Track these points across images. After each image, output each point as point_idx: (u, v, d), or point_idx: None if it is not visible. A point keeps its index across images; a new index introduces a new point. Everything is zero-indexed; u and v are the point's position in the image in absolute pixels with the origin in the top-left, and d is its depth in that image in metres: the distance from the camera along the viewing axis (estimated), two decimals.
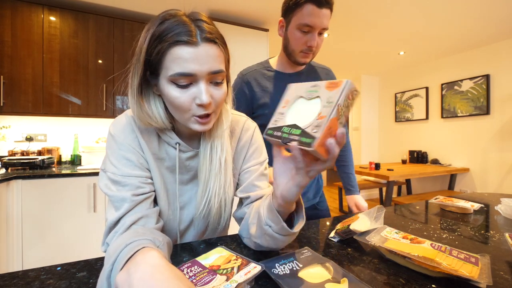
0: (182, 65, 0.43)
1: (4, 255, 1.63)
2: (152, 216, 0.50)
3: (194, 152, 0.57)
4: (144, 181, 0.51)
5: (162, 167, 0.56)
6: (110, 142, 0.52)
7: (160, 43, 0.43)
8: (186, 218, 0.60)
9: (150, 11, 2.39)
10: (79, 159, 2.35)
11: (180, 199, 0.58)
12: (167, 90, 0.45)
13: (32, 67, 2.03)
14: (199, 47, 0.43)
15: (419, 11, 2.38)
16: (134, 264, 0.30)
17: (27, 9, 2.02)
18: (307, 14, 0.79)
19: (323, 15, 0.80)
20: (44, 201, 1.79)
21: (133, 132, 0.52)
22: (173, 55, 0.43)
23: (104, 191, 0.49)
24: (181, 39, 0.42)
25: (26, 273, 0.44)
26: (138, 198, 0.48)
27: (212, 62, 0.45)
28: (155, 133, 0.54)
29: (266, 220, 0.46)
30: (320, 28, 0.82)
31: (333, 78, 1.06)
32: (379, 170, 3.07)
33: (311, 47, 0.84)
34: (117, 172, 0.49)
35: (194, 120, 0.48)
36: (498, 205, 0.82)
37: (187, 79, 0.44)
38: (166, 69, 0.44)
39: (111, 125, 0.53)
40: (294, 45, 0.87)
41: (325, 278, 0.41)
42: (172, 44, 0.43)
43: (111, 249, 0.38)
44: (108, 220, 0.46)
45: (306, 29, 0.82)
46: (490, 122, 3.14)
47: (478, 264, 0.43)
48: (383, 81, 4.61)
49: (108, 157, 0.51)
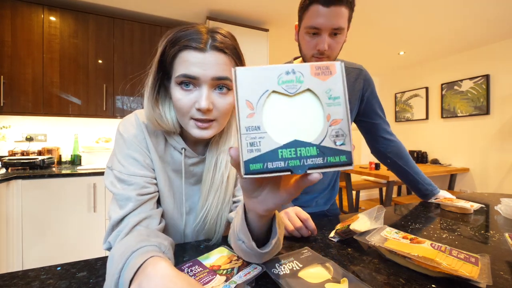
0: (188, 68, 0.45)
1: (4, 255, 1.63)
2: (155, 217, 0.50)
3: (199, 158, 0.58)
4: (150, 181, 0.52)
5: (168, 169, 0.56)
6: (118, 141, 0.53)
7: (173, 47, 0.47)
8: (191, 224, 0.60)
9: (150, 11, 2.39)
10: (79, 159, 2.35)
11: (186, 204, 0.59)
12: (173, 91, 0.48)
13: (32, 67, 2.03)
14: (206, 54, 0.45)
15: (419, 11, 2.38)
16: (145, 277, 0.30)
17: (27, 9, 2.02)
18: (313, 15, 0.73)
19: (333, 14, 0.72)
20: (44, 201, 1.79)
21: (141, 132, 0.53)
22: (181, 58, 0.46)
23: (110, 188, 0.49)
24: (191, 44, 0.45)
25: (26, 273, 0.44)
26: (143, 198, 0.49)
27: (217, 69, 0.46)
28: (163, 136, 0.55)
29: (238, 234, 0.40)
30: (330, 29, 0.73)
31: (366, 77, 0.94)
32: (379, 170, 3.07)
33: (321, 50, 0.76)
34: (124, 171, 0.50)
35: (193, 123, 0.49)
36: (498, 205, 0.82)
37: (190, 82, 0.46)
38: (174, 71, 0.47)
39: (120, 124, 0.54)
40: (305, 50, 0.81)
41: (325, 278, 0.41)
42: (182, 48, 0.46)
43: (116, 253, 0.38)
44: (112, 217, 0.47)
45: (313, 31, 0.75)
46: (490, 122, 3.14)
47: (478, 264, 0.43)
48: (383, 81, 4.61)
49: (115, 155, 0.52)
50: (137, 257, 0.35)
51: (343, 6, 0.72)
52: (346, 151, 0.25)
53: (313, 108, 0.26)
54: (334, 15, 0.72)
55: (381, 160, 1.02)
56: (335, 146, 0.25)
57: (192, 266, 0.44)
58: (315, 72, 0.26)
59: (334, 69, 0.26)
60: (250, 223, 0.39)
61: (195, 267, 0.43)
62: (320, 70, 0.26)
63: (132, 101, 2.33)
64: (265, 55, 2.65)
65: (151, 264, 0.32)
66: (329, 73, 0.26)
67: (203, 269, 0.43)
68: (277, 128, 0.26)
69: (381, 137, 0.96)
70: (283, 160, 0.25)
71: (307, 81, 0.26)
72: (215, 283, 0.38)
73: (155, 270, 0.31)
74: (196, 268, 0.43)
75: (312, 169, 0.26)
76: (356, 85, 0.91)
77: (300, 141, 0.26)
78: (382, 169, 3.12)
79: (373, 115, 0.95)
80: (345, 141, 0.26)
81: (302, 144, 0.26)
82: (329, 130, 0.26)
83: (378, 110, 0.96)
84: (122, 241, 0.41)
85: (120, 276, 0.34)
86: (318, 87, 0.26)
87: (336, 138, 0.26)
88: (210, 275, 0.41)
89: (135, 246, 0.37)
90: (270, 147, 0.25)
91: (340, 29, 0.74)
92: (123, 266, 0.35)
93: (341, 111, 0.26)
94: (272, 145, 0.25)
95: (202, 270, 0.42)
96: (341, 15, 0.73)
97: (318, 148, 0.26)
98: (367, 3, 2.23)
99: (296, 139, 0.26)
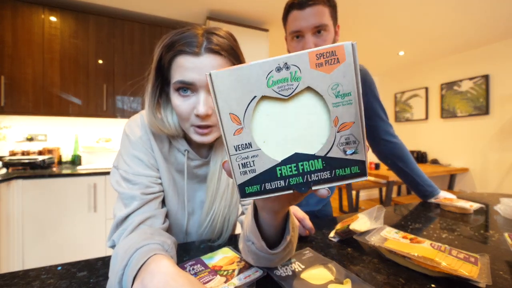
0: (183, 74, 0.45)
1: (4, 255, 1.63)
2: (159, 216, 0.50)
3: (202, 161, 0.58)
4: (154, 181, 0.52)
5: (172, 169, 0.57)
6: (124, 141, 0.54)
7: (168, 52, 0.46)
8: (194, 224, 0.61)
9: (150, 11, 2.39)
10: (80, 159, 2.35)
11: (189, 205, 0.59)
12: (172, 98, 0.48)
13: (33, 67, 2.03)
14: (200, 58, 0.45)
15: (419, 11, 2.38)
16: (148, 274, 0.30)
17: (28, 9, 2.02)
18: (293, 20, 0.77)
19: (309, 14, 0.75)
20: (45, 201, 1.79)
21: (146, 133, 0.54)
22: (177, 64, 0.46)
23: (115, 187, 0.50)
24: (185, 49, 0.45)
25: (26, 273, 0.45)
26: (147, 197, 0.50)
27: None
28: (167, 137, 0.56)
29: (248, 235, 0.39)
30: (311, 28, 0.75)
31: (367, 78, 0.93)
32: (379, 170, 3.07)
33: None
34: (129, 171, 0.51)
35: (193, 130, 0.49)
36: (497, 205, 0.82)
37: (187, 88, 0.46)
38: (172, 77, 0.47)
39: (126, 124, 0.55)
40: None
41: (328, 279, 0.41)
42: (177, 53, 0.45)
43: (120, 250, 0.38)
44: (117, 216, 0.47)
45: (297, 35, 0.78)
46: (490, 122, 3.14)
47: (478, 264, 0.43)
48: (383, 81, 4.61)
49: (121, 155, 0.53)
50: (140, 254, 0.35)
51: (319, 5, 0.74)
52: (359, 160, 0.21)
53: (316, 112, 0.21)
54: (311, 15, 0.74)
55: (382, 161, 1.02)
56: (344, 156, 0.21)
57: (194, 264, 0.44)
58: (316, 62, 0.20)
59: (342, 53, 0.20)
60: (261, 224, 0.37)
61: (197, 266, 0.43)
62: (323, 59, 0.20)
63: (132, 101, 2.34)
64: (265, 55, 2.65)
65: (154, 261, 0.33)
66: (336, 61, 0.20)
67: (204, 268, 0.43)
68: (272, 142, 0.22)
69: (382, 139, 0.96)
70: (283, 179, 0.22)
71: (306, 76, 0.20)
72: (214, 283, 0.38)
73: (158, 267, 0.31)
74: (198, 267, 0.43)
75: (317, 185, 0.22)
76: None
77: (302, 154, 0.22)
78: (382, 169, 3.12)
79: (373, 117, 0.94)
80: (358, 149, 0.21)
81: (304, 158, 0.22)
82: (337, 137, 0.21)
83: (379, 111, 0.94)
84: (126, 238, 0.41)
85: (123, 273, 0.34)
86: (321, 83, 0.20)
87: (346, 146, 0.21)
88: (211, 275, 0.41)
89: (139, 244, 0.37)
90: (266, 166, 0.22)
91: (323, 26, 0.75)
92: (127, 263, 0.35)
93: (353, 112, 0.21)
94: (268, 163, 0.22)
95: (203, 269, 0.42)
96: (320, 13, 0.74)
97: (323, 161, 0.21)
98: (367, 3, 2.23)
99: (296, 152, 0.22)
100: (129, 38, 2.32)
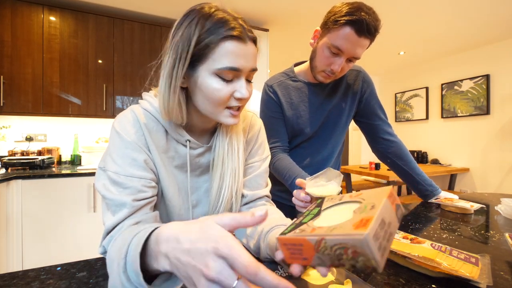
0: (234, 60, 0.44)
1: (4, 255, 1.63)
2: (149, 221, 0.47)
3: (204, 148, 0.56)
4: (148, 184, 0.48)
5: (170, 166, 0.54)
6: (114, 139, 0.48)
7: (210, 35, 0.44)
8: (200, 215, 0.59)
9: (150, 11, 2.39)
10: (79, 159, 2.35)
11: (192, 197, 0.57)
12: (209, 82, 0.45)
13: (32, 67, 2.03)
14: (247, 45, 0.46)
15: (419, 11, 2.38)
16: (157, 235, 0.30)
17: (27, 9, 2.02)
18: (343, 37, 0.73)
19: (360, 44, 0.73)
20: (44, 201, 1.78)
21: (140, 129, 0.49)
22: (225, 49, 0.44)
23: (102, 192, 0.45)
24: (233, 34, 0.44)
25: (26, 273, 0.44)
26: (138, 204, 0.45)
27: (254, 60, 0.48)
28: (163, 130, 0.52)
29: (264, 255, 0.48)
30: (351, 56, 0.75)
31: (365, 79, 0.94)
32: (379, 170, 3.07)
33: (334, 71, 0.78)
34: (120, 172, 0.46)
35: (228, 113, 0.49)
36: (498, 205, 0.82)
37: (233, 74, 0.46)
38: (213, 61, 0.44)
39: (115, 121, 0.50)
40: (318, 62, 0.81)
41: (329, 279, 0.41)
42: (225, 38, 0.44)
43: (113, 250, 0.36)
44: (106, 225, 0.44)
45: (335, 51, 0.75)
46: (490, 122, 3.14)
47: (478, 264, 0.43)
48: (383, 81, 4.61)
49: (110, 154, 0.47)
50: (139, 237, 0.33)
51: (370, 40, 0.74)
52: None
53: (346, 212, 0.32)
54: (360, 45, 0.74)
55: (381, 160, 1.03)
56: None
57: None
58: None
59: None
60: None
61: None
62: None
63: (132, 101, 2.33)
64: (265, 55, 2.65)
65: (159, 229, 0.31)
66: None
67: None
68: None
69: (381, 138, 0.97)
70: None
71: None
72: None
73: (165, 226, 0.31)
74: None
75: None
76: (354, 87, 0.92)
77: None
78: (382, 169, 3.12)
79: (372, 116, 0.96)
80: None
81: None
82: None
83: (378, 111, 0.96)
84: (116, 240, 0.39)
85: (126, 262, 0.32)
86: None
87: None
88: None
89: (133, 233, 0.35)
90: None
91: (358, 58, 0.77)
92: (126, 251, 0.33)
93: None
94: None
95: None
96: (365, 46, 0.75)
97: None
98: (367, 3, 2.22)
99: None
100: (129, 38, 2.32)
